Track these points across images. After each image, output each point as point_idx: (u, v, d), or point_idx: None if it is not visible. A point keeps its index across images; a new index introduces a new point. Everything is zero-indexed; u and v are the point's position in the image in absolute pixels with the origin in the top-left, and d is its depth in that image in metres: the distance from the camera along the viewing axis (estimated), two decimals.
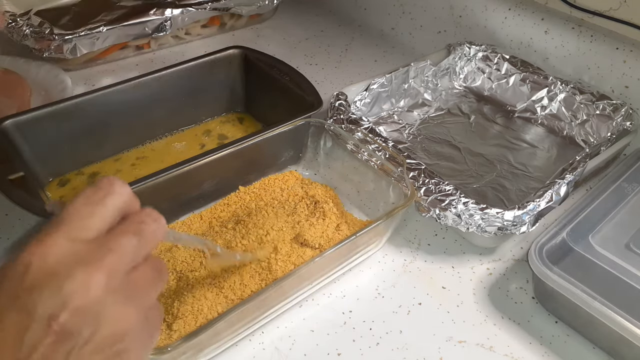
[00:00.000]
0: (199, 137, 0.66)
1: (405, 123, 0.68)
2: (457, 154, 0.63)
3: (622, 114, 0.61)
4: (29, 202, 0.47)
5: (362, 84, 0.65)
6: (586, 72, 0.68)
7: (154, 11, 0.77)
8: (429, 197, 0.50)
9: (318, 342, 0.44)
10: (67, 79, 0.70)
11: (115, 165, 0.61)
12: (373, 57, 0.85)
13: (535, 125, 0.68)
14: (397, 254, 0.52)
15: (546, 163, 0.62)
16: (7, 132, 0.54)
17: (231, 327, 0.41)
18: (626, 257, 0.46)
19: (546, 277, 0.43)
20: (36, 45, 0.72)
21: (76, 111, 0.58)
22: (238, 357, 0.43)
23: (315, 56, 0.85)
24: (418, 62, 0.69)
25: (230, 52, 0.67)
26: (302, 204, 0.52)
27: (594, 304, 0.41)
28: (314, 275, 0.45)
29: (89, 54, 0.76)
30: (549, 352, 0.44)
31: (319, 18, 0.96)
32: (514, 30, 0.74)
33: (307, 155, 0.60)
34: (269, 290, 0.40)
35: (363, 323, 0.46)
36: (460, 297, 0.48)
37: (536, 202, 0.48)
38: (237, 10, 0.85)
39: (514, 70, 0.70)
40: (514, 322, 0.47)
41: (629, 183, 0.53)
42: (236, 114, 0.70)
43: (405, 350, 0.44)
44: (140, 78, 0.62)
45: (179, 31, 0.83)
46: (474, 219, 0.48)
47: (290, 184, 0.56)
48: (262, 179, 0.57)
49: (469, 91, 0.73)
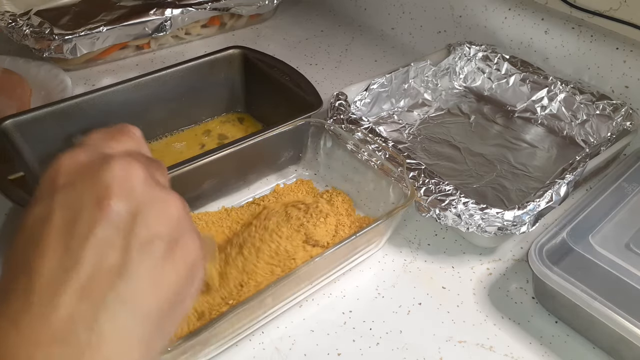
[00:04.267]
0: (199, 137, 0.66)
1: (405, 123, 0.68)
2: (457, 154, 0.63)
3: (622, 114, 0.61)
4: (29, 202, 0.47)
5: (362, 84, 0.65)
6: (586, 72, 0.68)
7: (154, 11, 0.77)
8: (429, 197, 0.50)
9: (318, 342, 0.45)
10: (67, 79, 0.70)
11: None
12: (373, 57, 0.85)
13: (535, 125, 0.68)
14: (397, 254, 0.52)
15: (546, 163, 0.62)
16: (7, 132, 0.54)
17: (231, 327, 0.41)
18: (626, 257, 0.46)
19: (546, 277, 0.43)
20: (36, 45, 0.72)
21: (76, 111, 0.58)
22: (238, 357, 0.43)
23: (315, 56, 0.85)
24: (418, 62, 0.69)
25: (230, 52, 0.67)
26: (294, 209, 0.52)
27: (594, 304, 0.41)
28: (314, 275, 0.45)
29: (89, 54, 0.76)
30: (549, 352, 0.44)
31: (319, 18, 0.96)
32: (514, 30, 0.74)
33: (307, 155, 0.60)
34: (269, 291, 0.40)
35: (363, 323, 0.46)
36: (460, 297, 0.48)
37: (536, 202, 0.48)
38: (237, 10, 0.85)
39: (514, 70, 0.70)
40: (514, 322, 0.47)
41: (629, 183, 0.53)
42: (236, 114, 0.70)
43: (405, 350, 0.44)
44: (140, 78, 0.61)
45: (179, 31, 0.83)
46: (474, 219, 0.48)
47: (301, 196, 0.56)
48: (271, 191, 0.56)
49: (469, 91, 0.73)
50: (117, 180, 0.23)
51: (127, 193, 0.23)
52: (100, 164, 0.24)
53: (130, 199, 0.23)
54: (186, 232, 0.25)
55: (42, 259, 0.22)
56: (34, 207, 0.24)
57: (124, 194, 0.23)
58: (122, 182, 0.23)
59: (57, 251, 0.22)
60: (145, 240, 0.23)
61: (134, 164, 0.24)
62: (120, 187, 0.23)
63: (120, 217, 0.23)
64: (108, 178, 0.23)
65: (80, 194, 0.23)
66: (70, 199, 0.23)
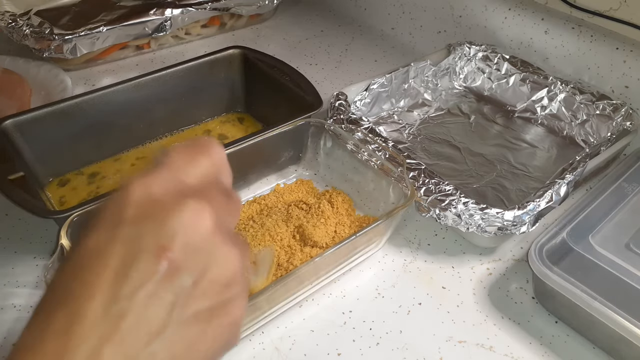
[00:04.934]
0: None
1: (405, 123, 0.68)
2: (457, 154, 0.63)
3: (622, 114, 0.61)
4: (29, 202, 0.47)
5: (362, 84, 0.65)
6: (586, 72, 0.68)
7: (154, 11, 0.77)
8: (429, 197, 0.50)
9: (318, 342, 0.45)
10: (67, 79, 0.70)
11: (115, 165, 0.61)
12: (373, 57, 0.85)
13: (535, 125, 0.68)
14: (397, 254, 0.52)
15: (546, 163, 0.62)
16: (7, 132, 0.54)
17: None
18: (626, 257, 0.46)
19: (546, 277, 0.43)
20: (36, 45, 0.72)
21: (76, 111, 0.58)
22: (238, 357, 0.43)
23: (315, 56, 0.85)
24: (418, 62, 0.69)
25: (230, 52, 0.67)
26: (296, 209, 0.52)
27: (594, 304, 0.41)
28: (314, 275, 0.45)
29: (89, 54, 0.76)
30: (549, 352, 0.44)
31: (319, 18, 0.96)
32: (514, 30, 0.74)
33: (307, 155, 0.60)
34: (269, 291, 0.40)
35: (363, 323, 0.46)
36: (460, 297, 0.48)
37: (536, 202, 0.48)
38: (237, 10, 0.85)
39: (514, 70, 0.70)
40: (514, 322, 0.47)
41: (629, 183, 0.53)
42: (236, 114, 0.70)
43: (405, 350, 0.44)
44: (140, 78, 0.62)
45: (179, 31, 0.83)
46: (474, 219, 0.48)
47: (301, 195, 0.56)
48: (271, 190, 0.56)
49: (469, 91, 0.73)
50: (184, 230, 0.22)
51: (192, 246, 0.22)
52: (172, 205, 0.23)
53: (190, 255, 0.22)
54: (236, 295, 0.24)
55: (89, 302, 0.21)
56: (93, 234, 0.23)
57: (186, 249, 0.22)
58: (191, 231, 0.22)
59: (106, 295, 0.21)
60: (194, 304, 0.23)
61: (205, 212, 0.23)
62: (186, 238, 0.22)
63: (175, 273, 0.22)
64: (176, 225, 0.22)
65: (144, 234, 0.22)
66: (132, 238, 0.22)
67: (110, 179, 0.59)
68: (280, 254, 0.47)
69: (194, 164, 0.25)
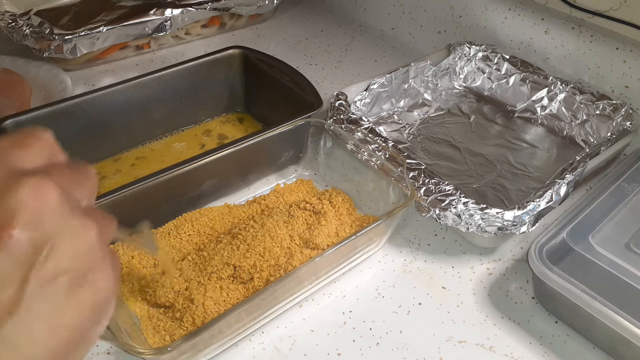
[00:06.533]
0: (199, 137, 0.66)
1: (405, 123, 0.68)
2: (457, 154, 0.63)
3: (622, 114, 0.61)
4: None
5: (362, 84, 0.65)
6: (586, 72, 0.68)
7: (154, 11, 0.77)
8: (429, 197, 0.50)
9: (318, 342, 0.45)
10: (67, 79, 0.71)
11: (115, 165, 0.61)
12: (373, 57, 0.85)
13: (535, 125, 0.68)
14: (397, 254, 0.52)
15: (546, 163, 0.62)
16: (7, 132, 0.54)
17: (231, 327, 0.41)
18: (626, 257, 0.46)
19: (546, 277, 0.43)
20: (36, 45, 0.72)
21: (76, 111, 0.58)
22: (238, 357, 0.43)
23: (315, 56, 0.85)
24: (418, 62, 0.69)
25: (230, 52, 0.67)
26: (298, 210, 0.52)
27: (594, 304, 0.41)
28: (314, 275, 0.45)
29: (89, 54, 0.76)
30: (549, 352, 0.44)
31: (319, 18, 0.96)
32: (514, 30, 0.74)
33: (307, 155, 0.60)
34: (269, 291, 0.40)
35: (363, 323, 0.46)
36: (460, 297, 0.48)
37: (536, 202, 0.48)
38: (237, 10, 0.85)
39: (514, 70, 0.70)
40: (514, 322, 0.47)
41: (629, 183, 0.53)
42: (236, 114, 0.70)
43: (405, 350, 0.44)
44: (140, 78, 0.62)
45: (179, 31, 0.83)
46: (474, 219, 0.48)
47: (301, 196, 0.56)
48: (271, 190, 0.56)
49: (469, 91, 0.73)
50: (24, 206, 0.21)
51: (33, 223, 0.21)
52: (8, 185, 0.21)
53: (36, 230, 0.21)
54: (97, 266, 0.23)
55: None
56: None
57: (30, 224, 0.21)
58: (29, 209, 0.21)
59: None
60: (47, 276, 0.21)
61: (46, 187, 0.21)
62: (26, 215, 0.21)
63: (22, 249, 0.21)
64: (13, 204, 0.21)
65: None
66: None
67: (110, 179, 0.59)
68: (280, 255, 0.47)
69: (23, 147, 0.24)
